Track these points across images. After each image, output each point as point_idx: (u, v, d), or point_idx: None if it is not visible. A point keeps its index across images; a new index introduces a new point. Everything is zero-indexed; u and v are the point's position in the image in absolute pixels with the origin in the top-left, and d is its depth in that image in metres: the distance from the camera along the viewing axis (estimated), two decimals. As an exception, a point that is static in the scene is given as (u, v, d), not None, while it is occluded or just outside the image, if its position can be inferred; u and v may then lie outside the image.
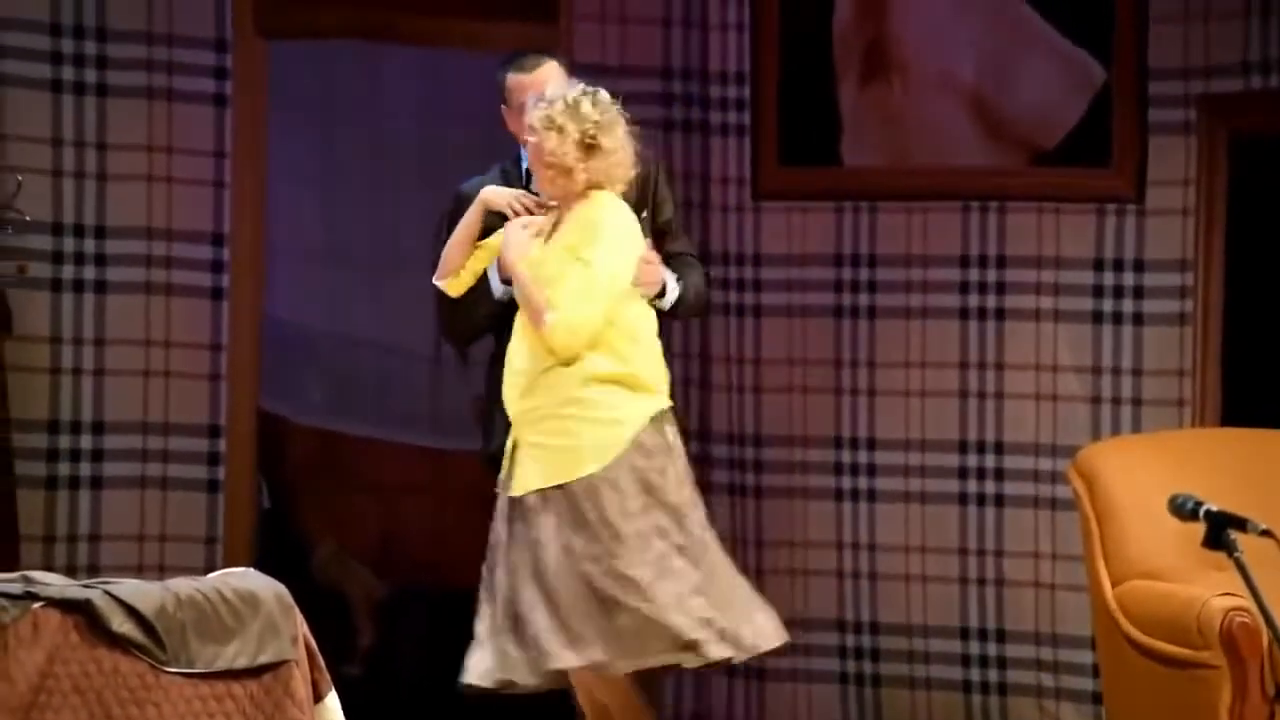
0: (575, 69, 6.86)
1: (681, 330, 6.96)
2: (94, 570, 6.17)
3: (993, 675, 6.67)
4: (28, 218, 6.18)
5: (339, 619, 7.36)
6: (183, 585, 4.67)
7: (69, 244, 6.34)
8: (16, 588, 4.57)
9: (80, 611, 4.52)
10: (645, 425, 5.11)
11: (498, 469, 5.28)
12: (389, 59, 7.32)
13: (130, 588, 4.59)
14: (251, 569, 4.91)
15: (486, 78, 7.45)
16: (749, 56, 6.81)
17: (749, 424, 6.88)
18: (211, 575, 4.84)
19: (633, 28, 6.86)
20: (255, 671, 4.62)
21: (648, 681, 5.14)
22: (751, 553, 6.86)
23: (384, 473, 7.57)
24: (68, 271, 6.34)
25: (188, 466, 6.47)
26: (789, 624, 6.76)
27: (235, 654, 4.61)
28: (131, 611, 4.52)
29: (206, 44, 6.43)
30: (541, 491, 5.07)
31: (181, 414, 6.46)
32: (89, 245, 6.36)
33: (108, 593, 4.54)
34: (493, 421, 5.34)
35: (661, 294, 5.35)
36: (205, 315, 6.51)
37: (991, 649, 6.66)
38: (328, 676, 4.79)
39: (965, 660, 6.69)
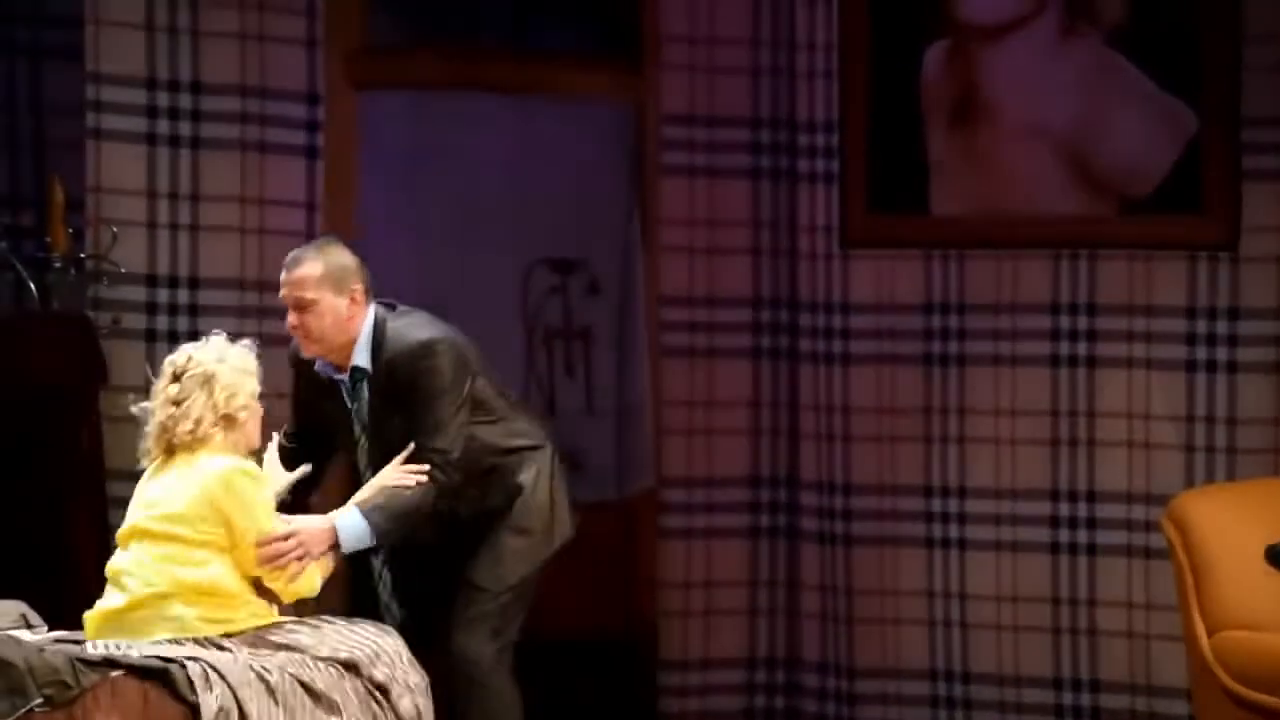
0: (664, 118, 6.93)
1: (770, 378, 6.95)
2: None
3: (1087, 726, 6.61)
4: (123, 269, 6.21)
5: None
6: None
7: (163, 295, 6.35)
8: (96, 654, 4.59)
9: (158, 679, 4.52)
10: None
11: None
12: (479, 108, 7.34)
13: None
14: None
15: (576, 127, 7.49)
16: (837, 104, 6.78)
17: (838, 472, 6.84)
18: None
19: (721, 77, 6.85)
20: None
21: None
22: (841, 600, 6.81)
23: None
24: (162, 322, 6.36)
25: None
26: (880, 673, 6.78)
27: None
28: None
29: (299, 96, 6.45)
30: None
31: (267, 464, 6.44)
32: (182, 296, 6.37)
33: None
34: None
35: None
36: (295, 366, 6.49)
37: (1085, 699, 6.58)
38: None
39: (1059, 711, 6.61)
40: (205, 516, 4.67)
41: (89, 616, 4.75)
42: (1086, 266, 6.63)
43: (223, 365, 4.79)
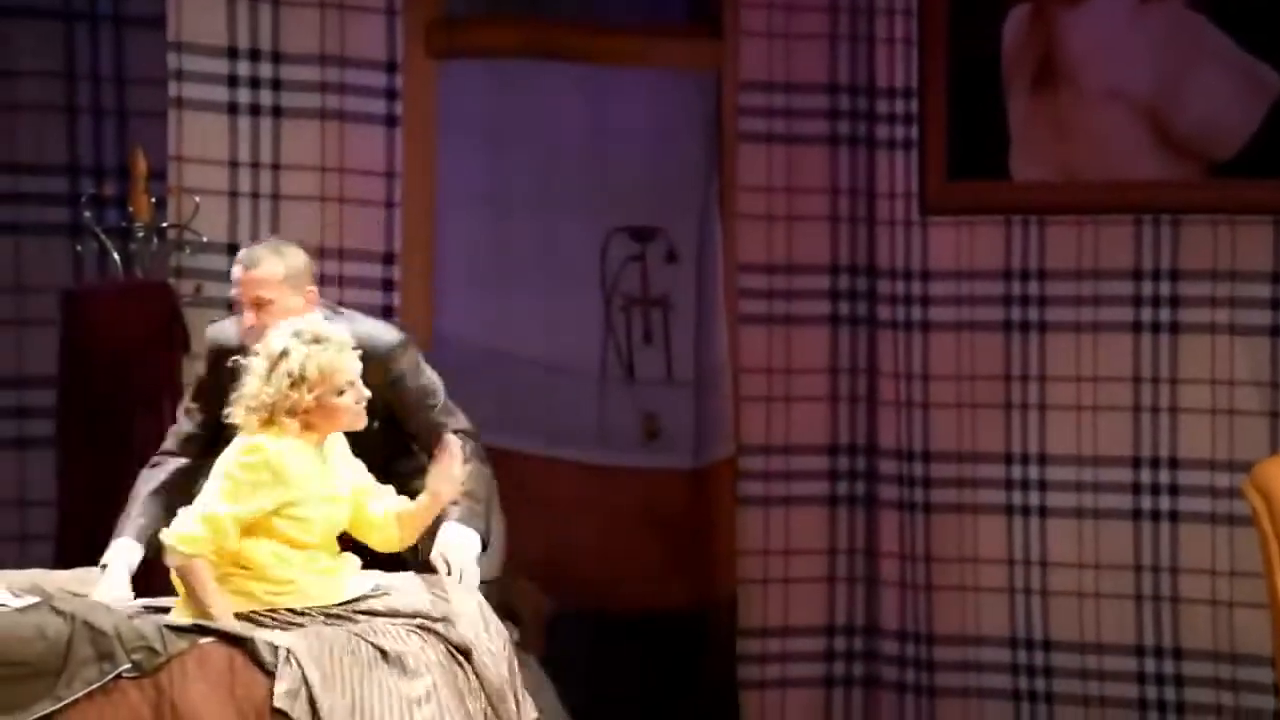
0: (742, 85, 6.88)
1: (849, 346, 6.90)
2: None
3: (1169, 694, 6.53)
4: (204, 238, 6.21)
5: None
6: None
7: (245, 265, 6.34)
8: (185, 621, 4.58)
9: (243, 647, 4.52)
10: None
11: None
12: (556, 77, 7.31)
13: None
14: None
15: (654, 96, 7.44)
16: (916, 71, 6.73)
17: (917, 440, 6.79)
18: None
19: (799, 43, 6.80)
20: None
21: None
22: (920, 569, 6.77)
23: (551, 489, 7.53)
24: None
25: (360, 483, 6.45)
26: (959, 640, 6.74)
27: None
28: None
29: (378, 65, 6.43)
30: None
31: (353, 430, 6.45)
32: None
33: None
34: None
35: None
36: (377, 334, 6.48)
37: (1168, 667, 6.52)
38: None
39: (1141, 678, 6.55)
40: None
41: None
42: (1169, 231, 6.55)
43: None
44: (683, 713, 7.00)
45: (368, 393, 4.61)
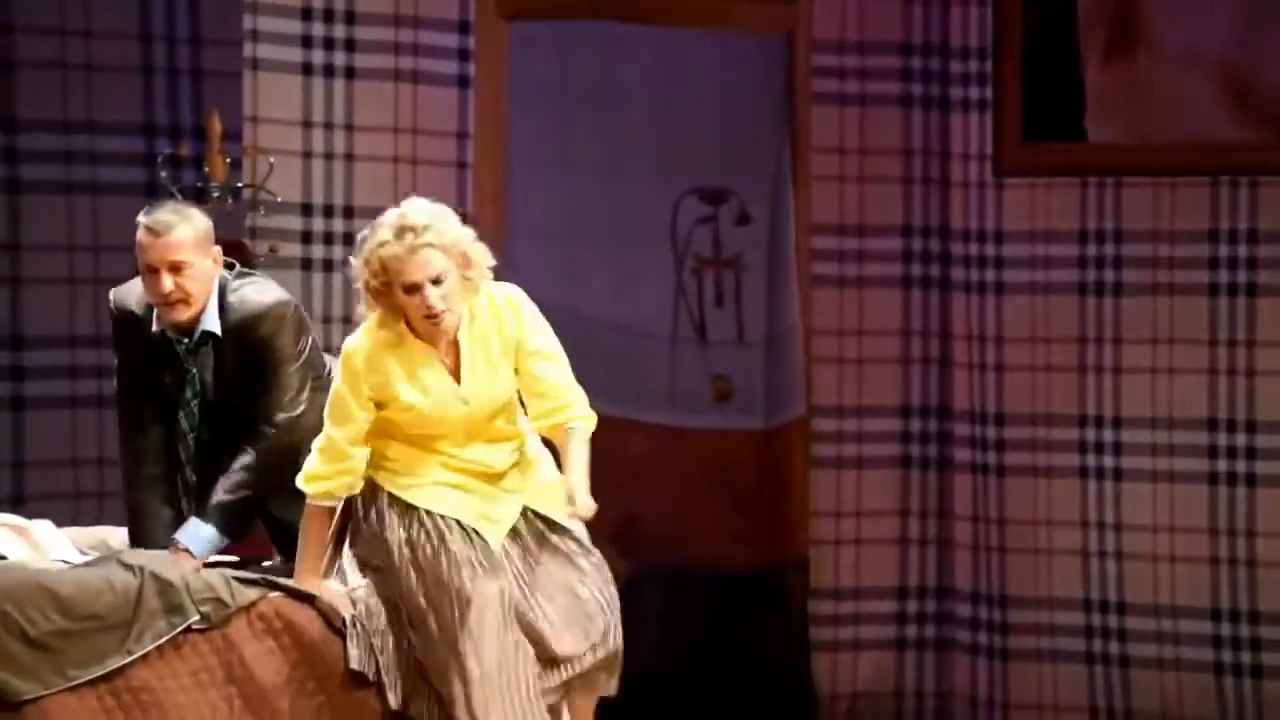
0: (815, 45, 6.81)
1: (921, 307, 6.83)
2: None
3: (1245, 657, 6.43)
4: (279, 199, 6.19)
5: (580, 595, 7.30)
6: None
7: (318, 224, 6.34)
8: (255, 574, 4.56)
9: (311, 601, 4.49)
10: None
11: None
12: (628, 39, 7.27)
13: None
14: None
15: (727, 57, 7.38)
16: (991, 30, 6.63)
17: (991, 402, 6.71)
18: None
19: (872, 4, 6.71)
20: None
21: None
22: (994, 531, 6.70)
23: (624, 450, 7.50)
24: (317, 251, 6.34)
25: (432, 444, 6.43)
26: (1033, 603, 6.66)
27: None
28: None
29: (450, 26, 6.39)
30: None
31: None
32: (337, 225, 6.35)
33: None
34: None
35: None
36: (449, 294, 6.46)
37: (1244, 630, 6.42)
38: None
39: (1216, 642, 6.46)
40: None
41: None
42: (1247, 194, 6.44)
43: None
44: (754, 673, 6.97)
45: (439, 299, 4.37)
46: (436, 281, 4.40)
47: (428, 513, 4.48)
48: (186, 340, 4.69)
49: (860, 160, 6.77)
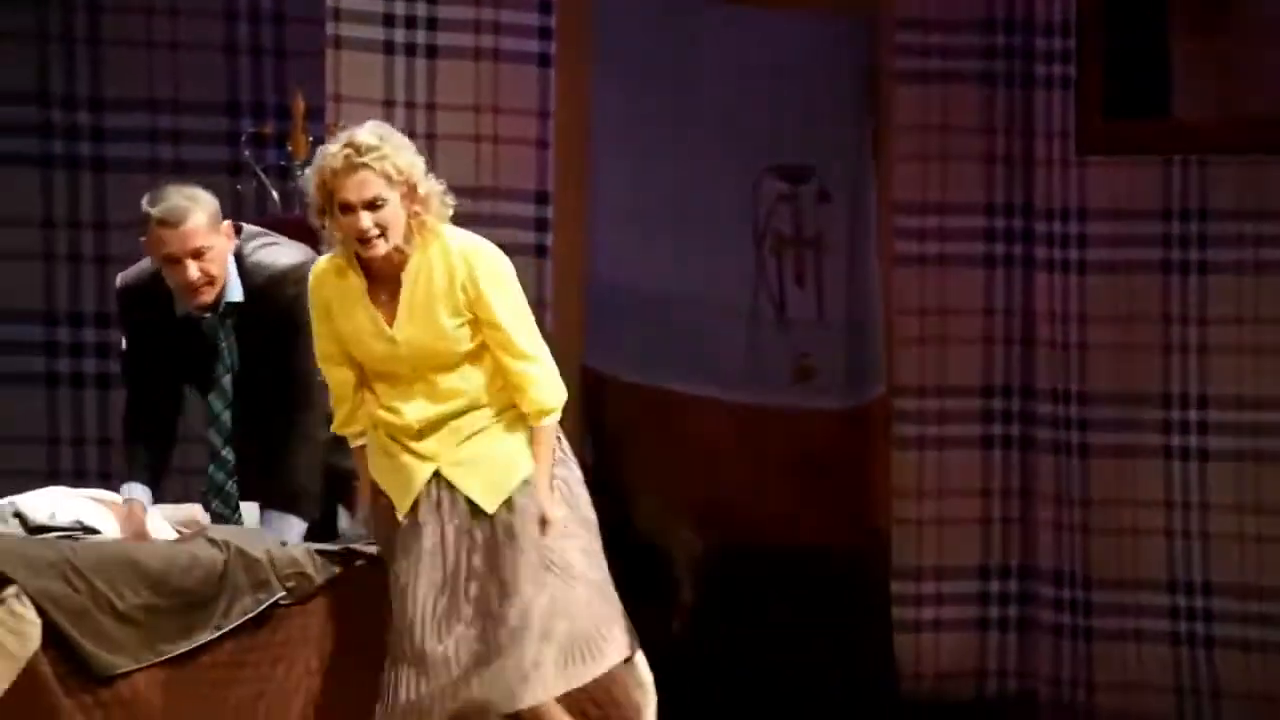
0: (897, 23, 6.74)
1: (1003, 286, 6.76)
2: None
3: (1333, 638, 6.37)
4: (361, 177, 6.16)
5: (662, 575, 7.29)
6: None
7: (400, 203, 6.31)
8: (337, 546, 4.51)
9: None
10: None
11: None
12: (710, 16, 7.23)
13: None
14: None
15: (806, 35, 7.32)
16: (1074, 6, 6.55)
17: (1074, 381, 6.64)
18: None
19: (955, -19, 6.67)
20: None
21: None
22: (1077, 511, 6.63)
23: (704, 429, 7.47)
24: (398, 230, 6.31)
25: (514, 422, 6.41)
26: (1117, 584, 6.59)
27: None
28: None
29: (531, 4, 6.34)
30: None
31: (508, 370, 6.41)
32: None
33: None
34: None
35: None
36: (530, 273, 6.41)
37: (1332, 611, 6.35)
38: (635, 636, 4.66)
39: (1304, 622, 6.39)
40: None
41: None
42: (1335, 170, 6.36)
43: None
44: (835, 653, 6.92)
45: (373, 225, 4.16)
46: (372, 206, 4.19)
47: None
48: (210, 315, 4.63)
49: (942, 138, 6.71)
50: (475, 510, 4.28)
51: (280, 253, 4.66)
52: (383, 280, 4.31)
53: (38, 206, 6.43)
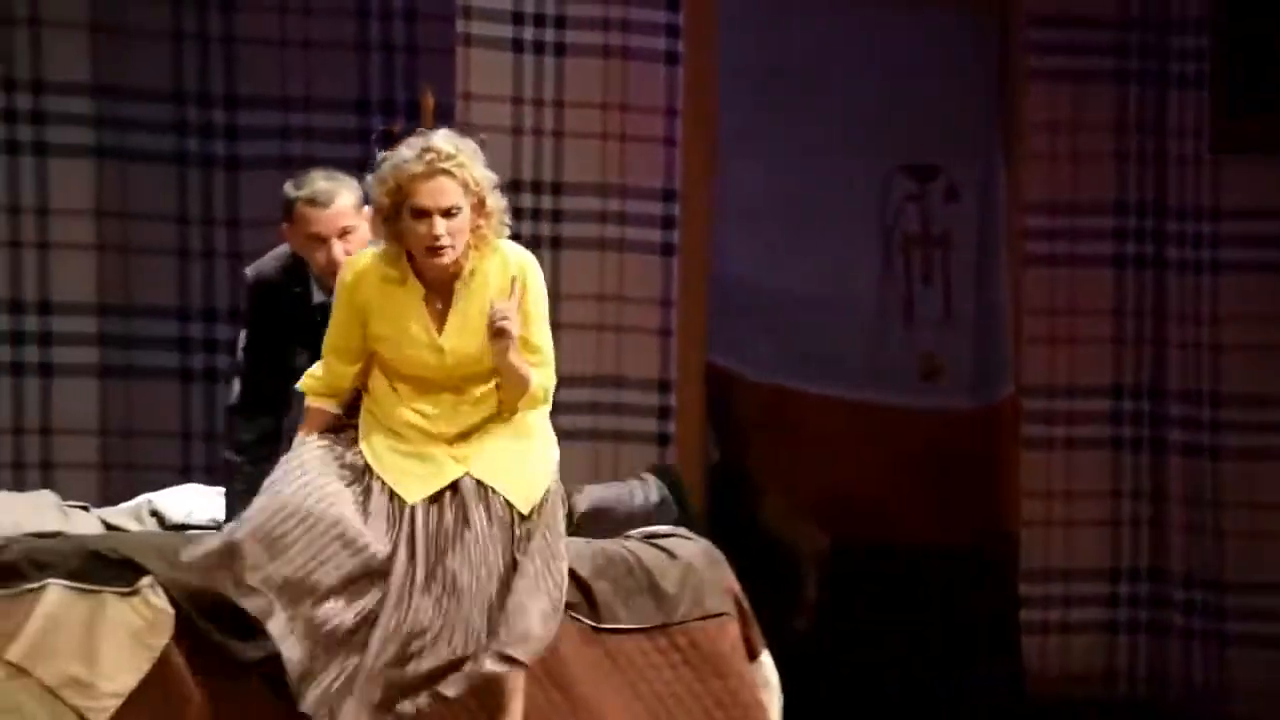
0: (1029, 21, 6.67)
1: (1134, 286, 6.68)
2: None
3: None
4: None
5: (786, 572, 7.27)
6: (608, 544, 4.56)
7: (527, 200, 6.31)
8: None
9: None
10: None
11: None
12: (838, 13, 7.20)
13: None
14: (679, 527, 4.78)
15: (935, 32, 7.26)
16: (1208, 3, 6.46)
17: (1206, 382, 6.53)
18: (635, 532, 4.72)
19: (1089, -23, 6.59)
20: (688, 625, 4.48)
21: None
22: (1209, 513, 6.53)
23: (829, 427, 7.45)
24: (525, 227, 6.29)
25: (639, 420, 6.39)
26: (1251, 588, 6.48)
27: (669, 609, 4.47)
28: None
29: (659, 1, 6.32)
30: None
31: (633, 368, 6.39)
32: (545, 201, 6.33)
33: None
34: None
35: None
36: (656, 271, 6.43)
37: None
38: (760, 635, 4.62)
39: None
40: None
41: None
42: None
43: None
44: (962, 654, 6.87)
45: (446, 233, 4.16)
46: (448, 214, 4.17)
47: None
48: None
49: (1073, 137, 6.62)
50: (497, 509, 4.23)
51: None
52: (435, 289, 4.29)
53: (172, 203, 6.48)
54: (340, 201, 4.62)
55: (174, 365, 6.46)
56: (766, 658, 4.63)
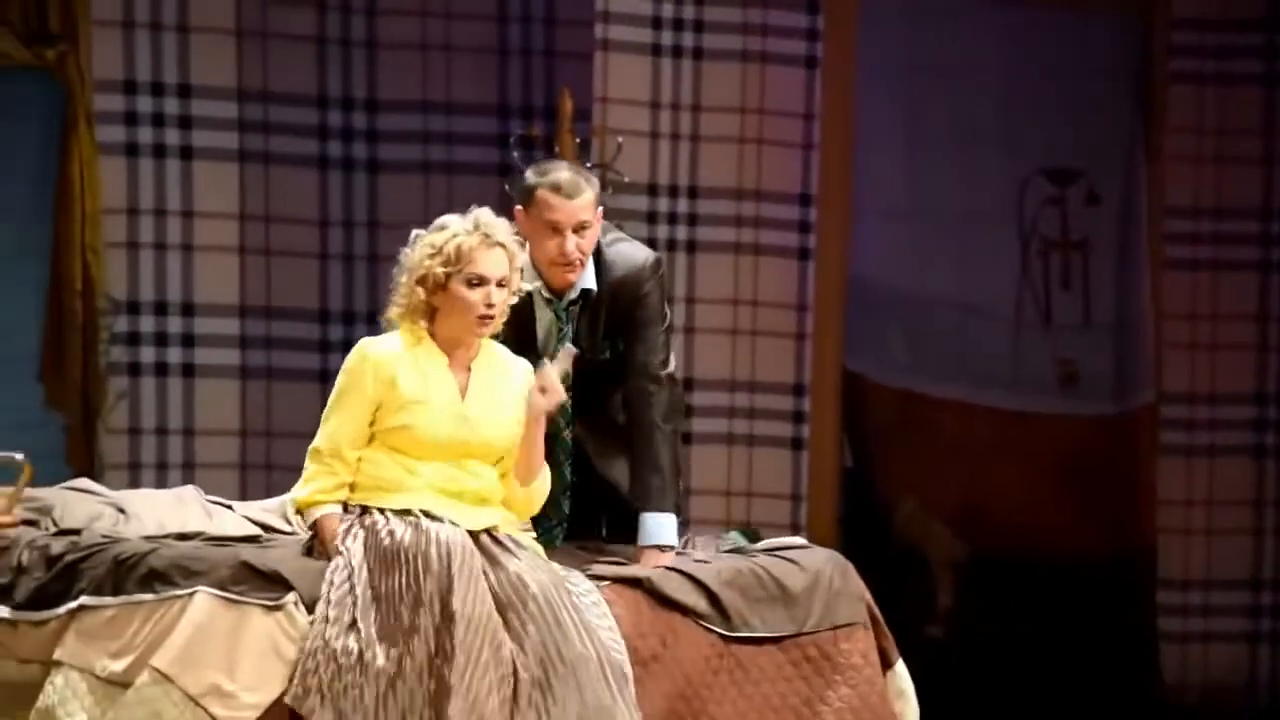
0: (1173, 23, 6.56)
1: (1279, 293, 6.56)
2: (683, 525, 6.11)
3: None
4: (626, 178, 6.15)
5: (920, 579, 7.20)
6: (733, 558, 4.52)
7: (663, 204, 6.29)
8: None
9: (641, 587, 4.33)
10: None
11: None
12: (977, 15, 7.12)
13: (686, 562, 4.45)
14: (800, 538, 4.73)
15: (1076, 35, 7.16)
16: (1361, 4, 6.34)
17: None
18: (763, 543, 4.67)
19: (1235, -22, 6.46)
20: (819, 635, 4.43)
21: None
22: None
23: (965, 433, 7.36)
24: (661, 231, 6.29)
25: (773, 424, 6.36)
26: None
27: (800, 619, 4.42)
28: (694, 583, 4.38)
29: (799, 5, 6.28)
30: None
31: (767, 372, 6.36)
32: (682, 205, 6.30)
33: (670, 568, 4.41)
34: None
35: None
36: (792, 275, 6.39)
37: None
38: (894, 645, 4.55)
39: None
40: None
41: None
42: None
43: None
44: (1099, 662, 6.77)
45: (499, 303, 4.22)
46: (501, 284, 4.26)
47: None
48: (557, 299, 4.59)
49: (1218, 140, 6.51)
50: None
51: (637, 247, 4.63)
52: (456, 361, 4.31)
53: (314, 207, 6.51)
54: (585, 195, 4.56)
55: (314, 367, 6.49)
56: (901, 667, 4.56)
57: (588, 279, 4.56)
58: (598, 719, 4.09)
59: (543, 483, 4.36)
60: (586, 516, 4.64)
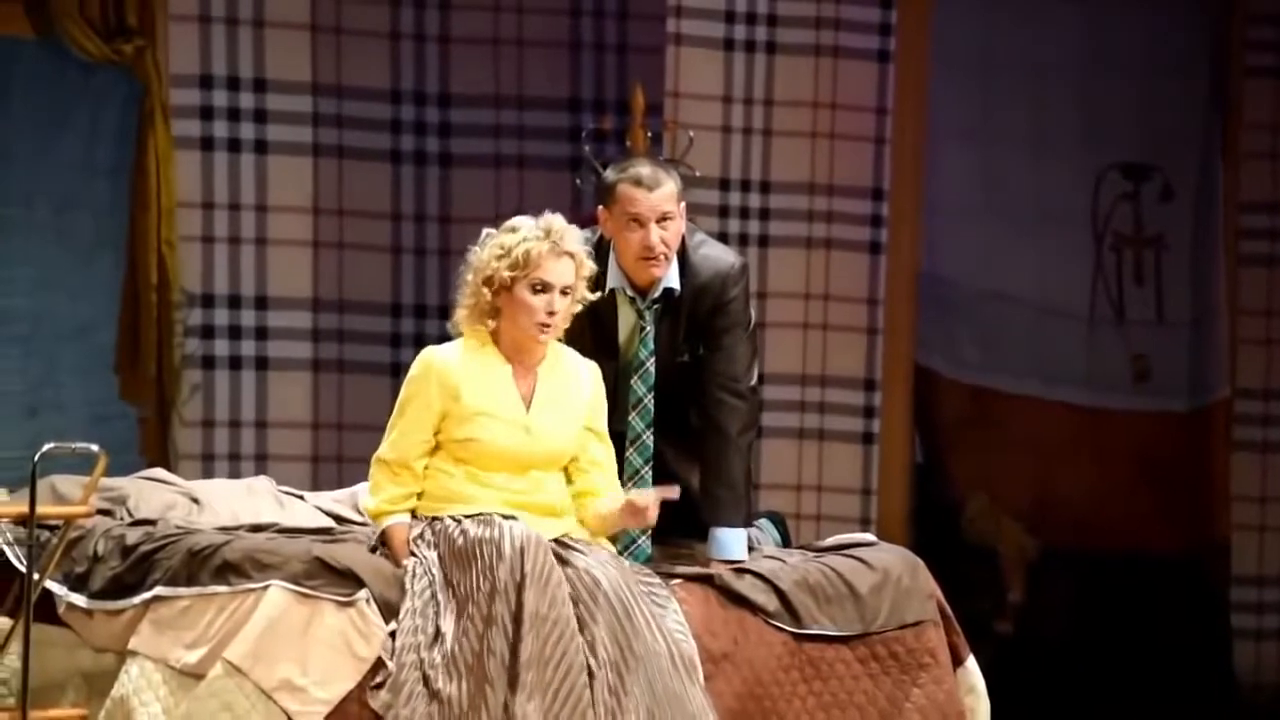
0: (1249, 18, 6.49)
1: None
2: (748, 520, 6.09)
3: None
4: (697, 173, 6.12)
5: (990, 575, 7.15)
6: (800, 558, 4.49)
7: (734, 198, 6.26)
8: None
9: (711, 585, 4.33)
10: None
11: None
12: (1052, 10, 7.07)
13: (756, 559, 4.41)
14: (869, 535, 4.69)
15: (1152, 30, 7.10)
16: None
17: None
18: (831, 540, 4.65)
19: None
20: (887, 635, 4.40)
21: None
22: None
23: (1037, 429, 7.31)
24: (733, 225, 6.26)
25: (844, 419, 6.31)
26: None
27: (869, 617, 4.39)
28: (764, 582, 4.36)
29: (872, 0, 6.27)
30: None
31: (838, 367, 6.31)
32: (753, 200, 6.27)
33: (740, 567, 4.38)
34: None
35: None
36: (863, 270, 6.34)
37: None
38: (965, 642, 4.51)
39: None
40: None
41: None
42: None
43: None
44: (1173, 659, 6.72)
45: (561, 310, 4.20)
46: (565, 292, 4.22)
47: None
48: (640, 298, 4.52)
49: (1296, 135, 6.46)
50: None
51: (724, 251, 4.57)
52: (521, 370, 4.28)
53: (386, 200, 6.52)
54: (667, 187, 4.47)
55: (385, 360, 6.50)
56: (972, 663, 4.52)
57: (672, 278, 4.49)
58: (670, 708, 4.07)
59: None
60: (665, 519, 4.58)
